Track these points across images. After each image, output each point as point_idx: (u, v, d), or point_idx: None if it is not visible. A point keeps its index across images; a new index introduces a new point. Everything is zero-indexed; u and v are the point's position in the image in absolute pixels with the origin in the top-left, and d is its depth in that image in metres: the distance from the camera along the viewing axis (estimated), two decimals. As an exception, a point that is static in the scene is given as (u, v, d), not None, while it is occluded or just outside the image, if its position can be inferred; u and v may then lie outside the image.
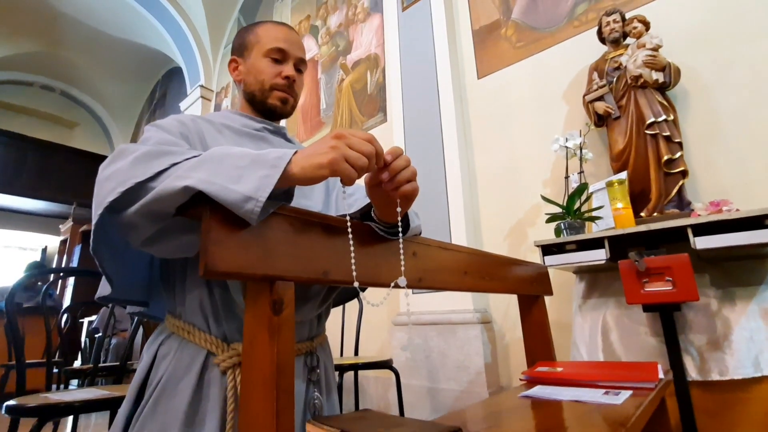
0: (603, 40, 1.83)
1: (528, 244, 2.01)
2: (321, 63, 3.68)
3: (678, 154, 1.51)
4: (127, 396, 0.62)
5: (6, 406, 1.03)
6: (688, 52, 1.71)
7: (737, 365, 1.19)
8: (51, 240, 7.65)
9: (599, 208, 1.55)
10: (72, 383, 3.56)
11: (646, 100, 1.58)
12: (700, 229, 1.18)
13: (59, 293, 6.13)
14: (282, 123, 0.88)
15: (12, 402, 1.05)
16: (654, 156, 1.53)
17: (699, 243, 1.16)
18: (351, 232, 0.55)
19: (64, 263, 6.92)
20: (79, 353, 4.28)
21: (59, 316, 2.13)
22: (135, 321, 1.79)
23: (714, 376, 1.21)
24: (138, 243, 0.53)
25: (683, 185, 1.51)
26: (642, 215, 1.52)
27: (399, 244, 0.61)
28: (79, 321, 4.70)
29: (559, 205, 1.58)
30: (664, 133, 1.52)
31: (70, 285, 6.06)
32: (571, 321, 1.60)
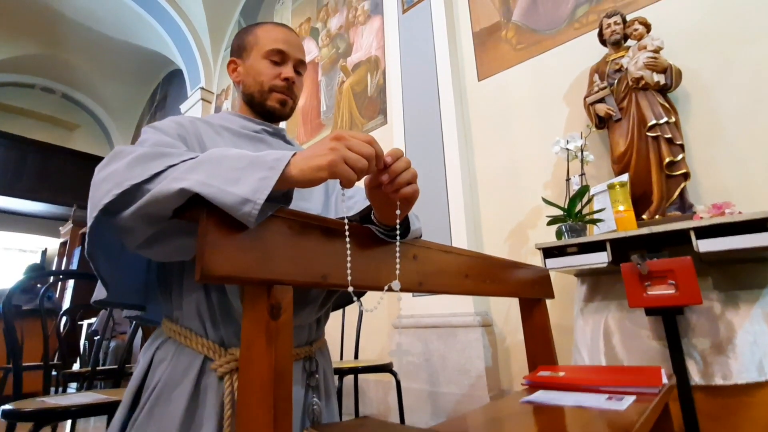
0: (604, 42, 1.83)
1: (529, 246, 2.00)
2: (321, 65, 3.68)
3: (680, 156, 1.50)
4: (123, 402, 0.61)
5: (2, 410, 1.02)
6: (689, 53, 1.70)
7: (741, 369, 1.18)
8: (51, 242, 7.65)
9: (601, 210, 1.54)
10: (72, 386, 3.55)
11: (647, 102, 1.58)
12: (702, 232, 1.17)
13: (59, 295, 6.13)
14: (282, 125, 0.87)
15: (8, 406, 1.03)
16: (655, 158, 1.53)
17: (702, 246, 1.15)
18: (349, 235, 0.54)
19: (64, 265, 6.92)
20: (79, 356, 4.26)
21: (58, 318, 2.12)
22: (133, 324, 1.78)
23: (717, 380, 1.20)
24: (134, 246, 0.52)
25: (685, 187, 1.50)
26: (644, 218, 1.51)
27: (397, 247, 0.60)
28: (78, 323, 4.69)
29: (561, 208, 1.57)
30: (665, 135, 1.52)
31: (69, 287, 6.05)
32: (573, 324, 1.59)
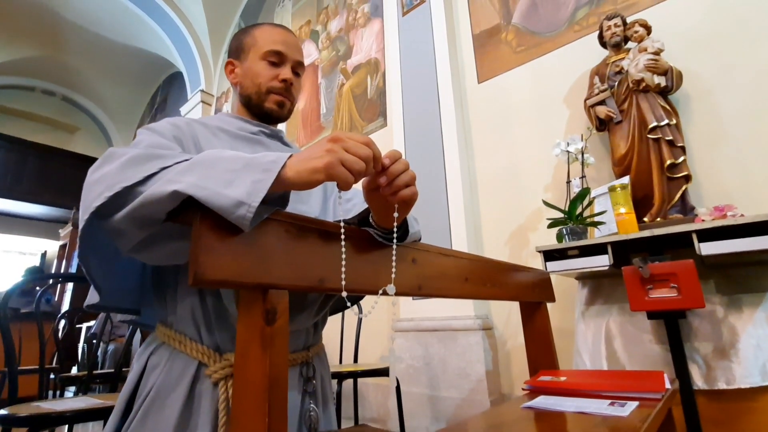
0: (604, 44, 1.82)
1: (529, 249, 1.99)
2: (321, 68, 3.68)
3: (681, 158, 1.49)
4: (116, 408, 0.59)
5: (-4, 415, 1.01)
6: (689, 55, 1.70)
7: (744, 374, 1.17)
8: (51, 245, 7.64)
9: (602, 213, 1.53)
10: (70, 389, 3.53)
11: (648, 104, 1.57)
12: (704, 235, 1.16)
13: (58, 298, 6.11)
14: (282, 127, 0.87)
15: (3, 411, 1.02)
16: (657, 160, 1.52)
17: (704, 249, 1.14)
18: (345, 238, 0.53)
19: (63, 268, 6.91)
20: (78, 359, 4.25)
21: (56, 321, 2.11)
22: (131, 326, 1.77)
23: (721, 384, 1.19)
24: (127, 249, 0.51)
25: (686, 190, 1.49)
26: (645, 220, 1.50)
27: (394, 250, 0.59)
28: (77, 327, 4.67)
29: (561, 210, 1.56)
30: (666, 138, 1.51)
31: (69, 290, 6.03)
32: (574, 328, 1.58)
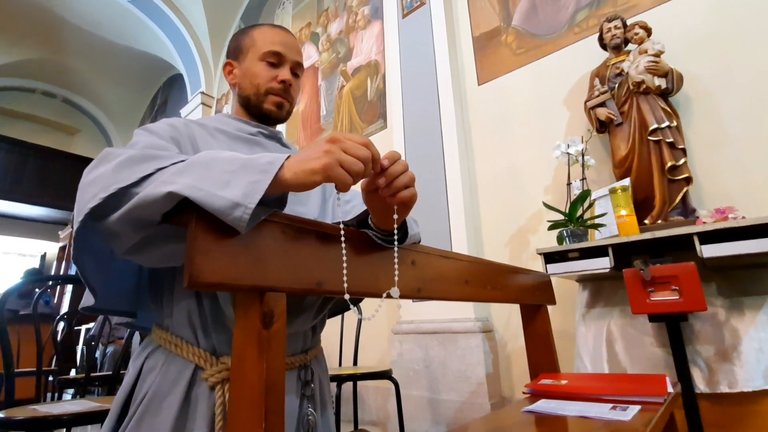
0: (604, 46, 1.82)
1: (530, 251, 1.98)
2: (321, 70, 3.68)
3: (682, 160, 1.49)
4: (111, 412, 0.59)
5: (-8, 418, 1.00)
6: (689, 57, 1.69)
7: (747, 377, 1.16)
8: (50, 246, 7.63)
9: (602, 215, 1.52)
10: (69, 392, 3.51)
11: (648, 106, 1.56)
12: (706, 237, 1.15)
13: (57, 300, 6.10)
14: (281, 128, 0.86)
15: (-1, 414, 1.02)
16: (657, 162, 1.51)
17: (706, 251, 1.13)
18: (345, 240, 0.52)
19: (62, 270, 6.90)
20: (77, 362, 4.23)
21: (54, 323, 2.09)
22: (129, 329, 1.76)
23: (723, 388, 1.18)
24: (122, 252, 0.51)
25: (687, 192, 1.48)
26: (646, 223, 1.50)
27: (395, 252, 0.58)
28: (76, 329, 4.66)
29: (562, 212, 1.55)
30: (667, 140, 1.50)
31: (68, 292, 6.02)
32: (575, 331, 1.57)
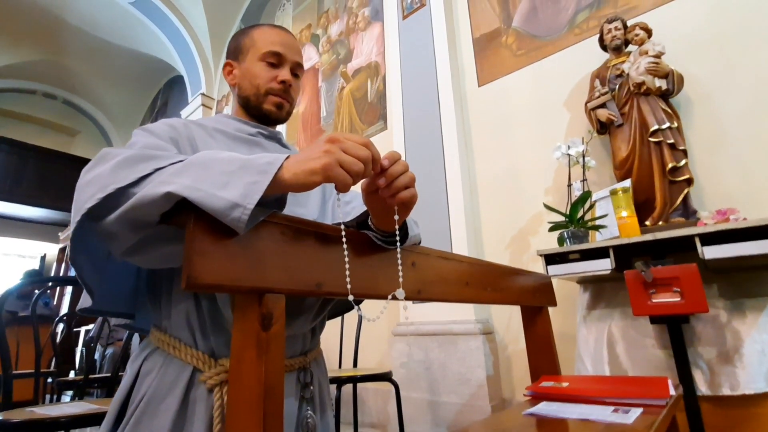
0: (605, 47, 1.82)
1: (530, 253, 1.98)
2: (322, 71, 3.68)
3: (682, 161, 1.48)
4: (108, 414, 0.58)
5: (-11, 421, 0.99)
6: (690, 59, 1.69)
7: (749, 380, 1.15)
8: (50, 248, 7.63)
9: (603, 216, 1.52)
10: (68, 394, 3.50)
11: (649, 107, 1.56)
12: (707, 239, 1.15)
13: (57, 302, 6.09)
14: (281, 129, 0.86)
15: (-4, 417, 1.01)
16: (658, 164, 1.51)
17: (708, 253, 1.13)
18: (346, 241, 0.52)
19: (62, 271, 6.89)
20: (77, 363, 4.22)
21: (54, 325, 2.09)
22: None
23: (725, 390, 1.17)
24: (120, 253, 0.50)
25: (688, 193, 1.48)
26: (647, 224, 1.49)
27: (397, 253, 0.58)
28: (75, 330, 4.65)
29: (562, 214, 1.55)
30: (668, 141, 1.50)
31: (68, 293, 6.01)
32: (576, 333, 1.56)
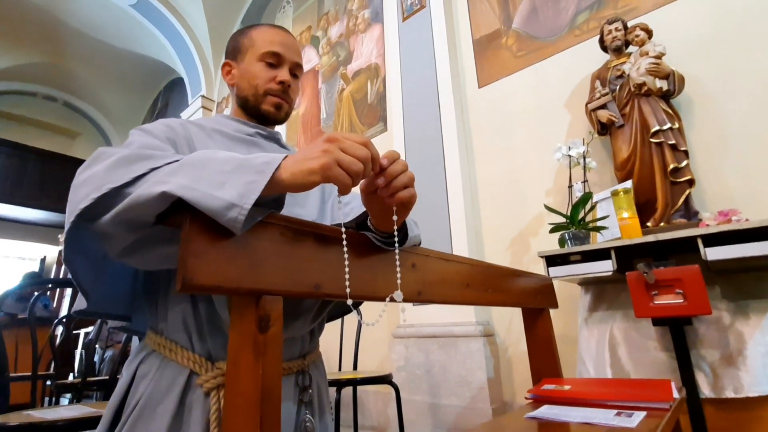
0: (605, 48, 1.81)
1: (531, 254, 1.97)
2: (322, 73, 3.68)
3: (684, 162, 1.48)
4: (103, 418, 0.57)
5: (-15, 424, 0.98)
6: (691, 60, 1.68)
7: (752, 382, 1.14)
8: (50, 250, 7.62)
9: (604, 218, 1.51)
10: (66, 396, 3.49)
11: (650, 108, 1.55)
12: (710, 240, 1.14)
13: (56, 304, 6.07)
14: (281, 130, 0.85)
15: (-8, 420, 1.00)
16: (659, 165, 1.50)
17: (710, 254, 1.12)
18: (346, 242, 0.51)
19: (62, 273, 6.88)
20: (76, 366, 4.20)
21: (53, 327, 2.08)
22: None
23: (728, 393, 1.16)
24: (115, 253, 0.50)
25: (690, 194, 1.47)
26: (648, 225, 1.48)
27: (396, 255, 0.57)
28: (75, 333, 4.63)
29: (563, 215, 1.54)
30: (669, 142, 1.49)
31: (67, 295, 6.00)
32: (577, 335, 1.55)
